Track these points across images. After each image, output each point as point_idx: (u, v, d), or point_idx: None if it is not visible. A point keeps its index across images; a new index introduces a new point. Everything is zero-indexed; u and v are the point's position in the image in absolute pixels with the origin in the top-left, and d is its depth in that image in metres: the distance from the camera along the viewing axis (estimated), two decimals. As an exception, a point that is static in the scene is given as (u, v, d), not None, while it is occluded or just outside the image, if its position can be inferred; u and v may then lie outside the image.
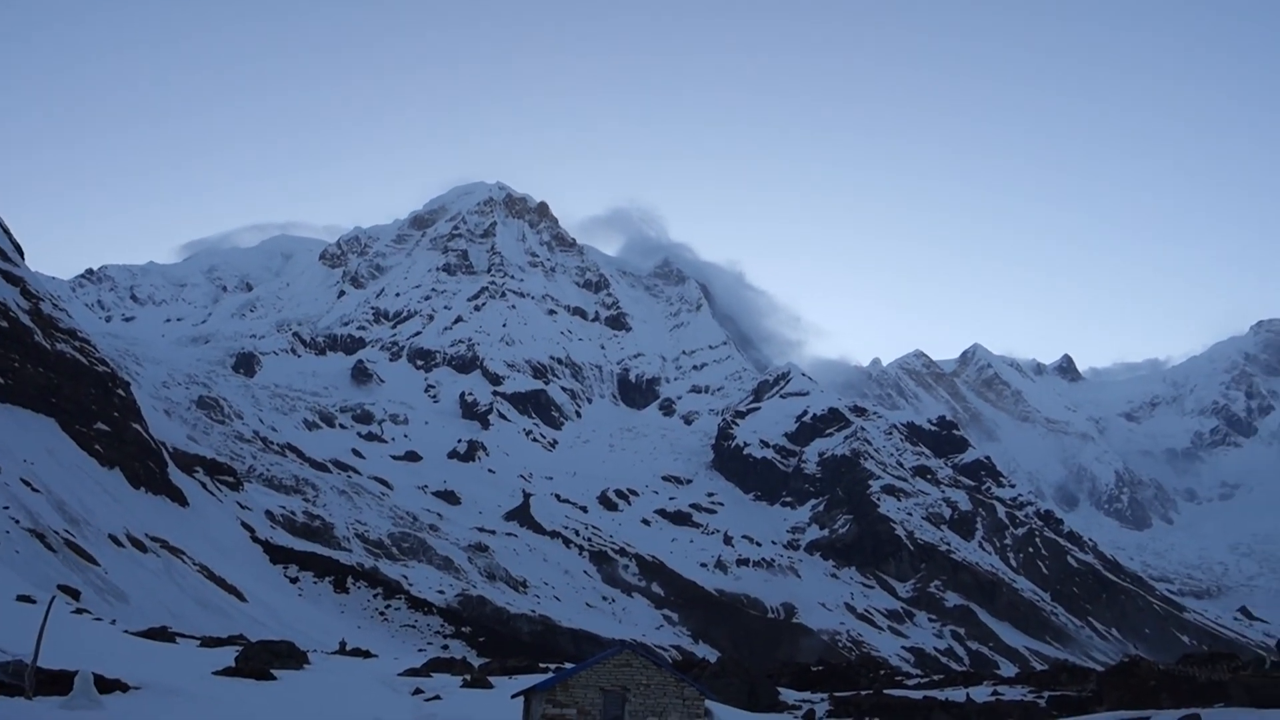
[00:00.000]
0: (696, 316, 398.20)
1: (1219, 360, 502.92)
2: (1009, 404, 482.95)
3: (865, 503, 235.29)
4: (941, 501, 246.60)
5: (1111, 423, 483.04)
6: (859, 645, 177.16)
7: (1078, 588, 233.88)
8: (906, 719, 53.60)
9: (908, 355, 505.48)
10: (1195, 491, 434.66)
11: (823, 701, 62.78)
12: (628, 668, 37.12)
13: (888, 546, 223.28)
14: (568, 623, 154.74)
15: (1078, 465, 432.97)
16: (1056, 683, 70.55)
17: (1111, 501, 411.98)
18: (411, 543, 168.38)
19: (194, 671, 45.03)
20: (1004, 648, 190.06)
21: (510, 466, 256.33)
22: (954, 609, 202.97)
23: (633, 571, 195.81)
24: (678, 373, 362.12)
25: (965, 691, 65.92)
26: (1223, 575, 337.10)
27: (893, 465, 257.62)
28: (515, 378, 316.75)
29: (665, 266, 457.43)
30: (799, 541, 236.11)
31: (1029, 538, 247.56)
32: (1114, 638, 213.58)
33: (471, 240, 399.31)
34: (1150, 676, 53.45)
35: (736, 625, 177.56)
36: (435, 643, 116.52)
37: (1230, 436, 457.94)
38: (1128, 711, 42.60)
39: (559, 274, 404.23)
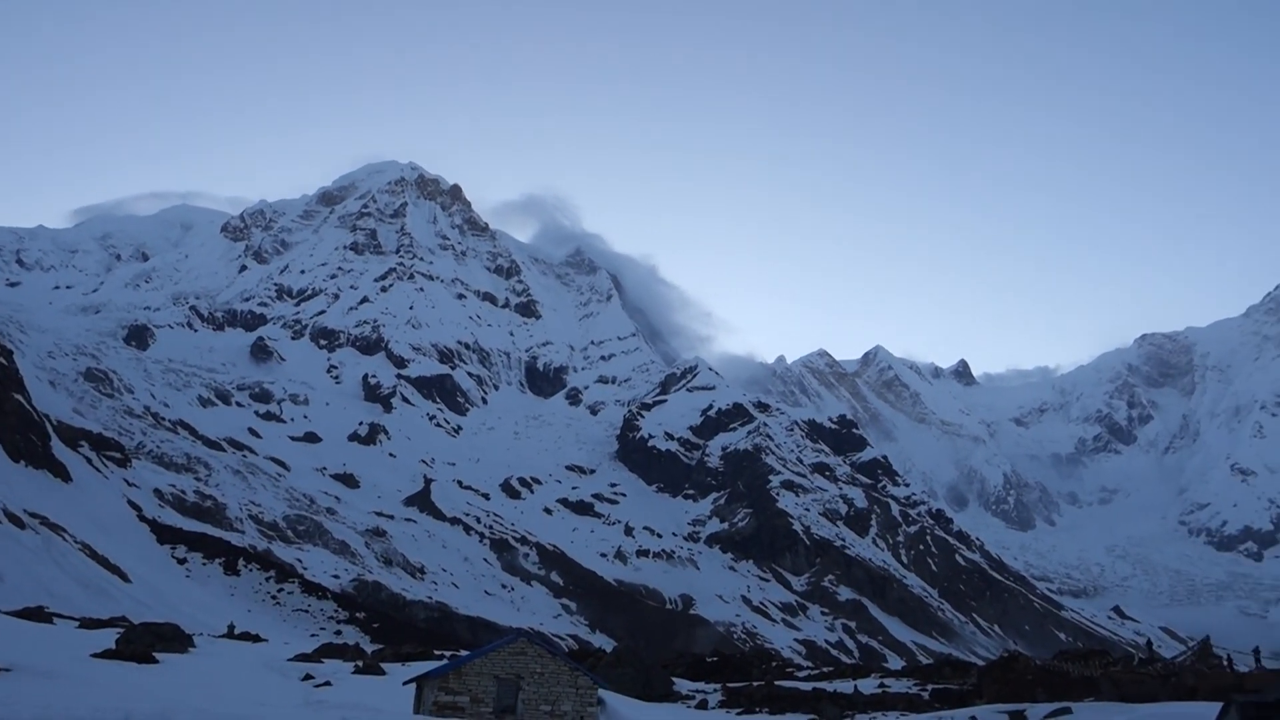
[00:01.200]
0: (607, 307, 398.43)
1: (1104, 370, 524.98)
2: (907, 405, 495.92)
3: (765, 497, 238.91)
4: (838, 498, 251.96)
5: (1002, 427, 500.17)
6: (753, 637, 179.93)
7: (964, 585, 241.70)
8: (795, 710, 54.61)
9: (812, 354, 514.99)
10: (1077, 495, 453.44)
11: (715, 692, 63.66)
12: (522, 656, 37.08)
13: (785, 541, 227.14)
14: (465, 610, 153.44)
15: (969, 467, 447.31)
16: (940, 676, 72.90)
17: (999, 503, 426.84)
18: (307, 525, 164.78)
19: (71, 653, 43.39)
20: (892, 642, 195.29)
21: (412, 451, 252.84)
22: (846, 603, 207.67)
23: (533, 560, 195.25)
24: (586, 363, 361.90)
25: (853, 684, 67.58)
26: (1099, 576, 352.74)
27: (793, 461, 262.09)
28: (421, 361, 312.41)
29: (578, 256, 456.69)
30: (699, 534, 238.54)
31: (920, 535, 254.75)
32: (996, 634, 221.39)
33: (381, 220, 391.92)
34: (1028, 672, 55.63)
35: (634, 616, 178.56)
36: (328, 628, 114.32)
37: (1111, 444, 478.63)
38: (1005, 705, 44.25)
39: (470, 258, 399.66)
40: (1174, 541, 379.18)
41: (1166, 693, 46.25)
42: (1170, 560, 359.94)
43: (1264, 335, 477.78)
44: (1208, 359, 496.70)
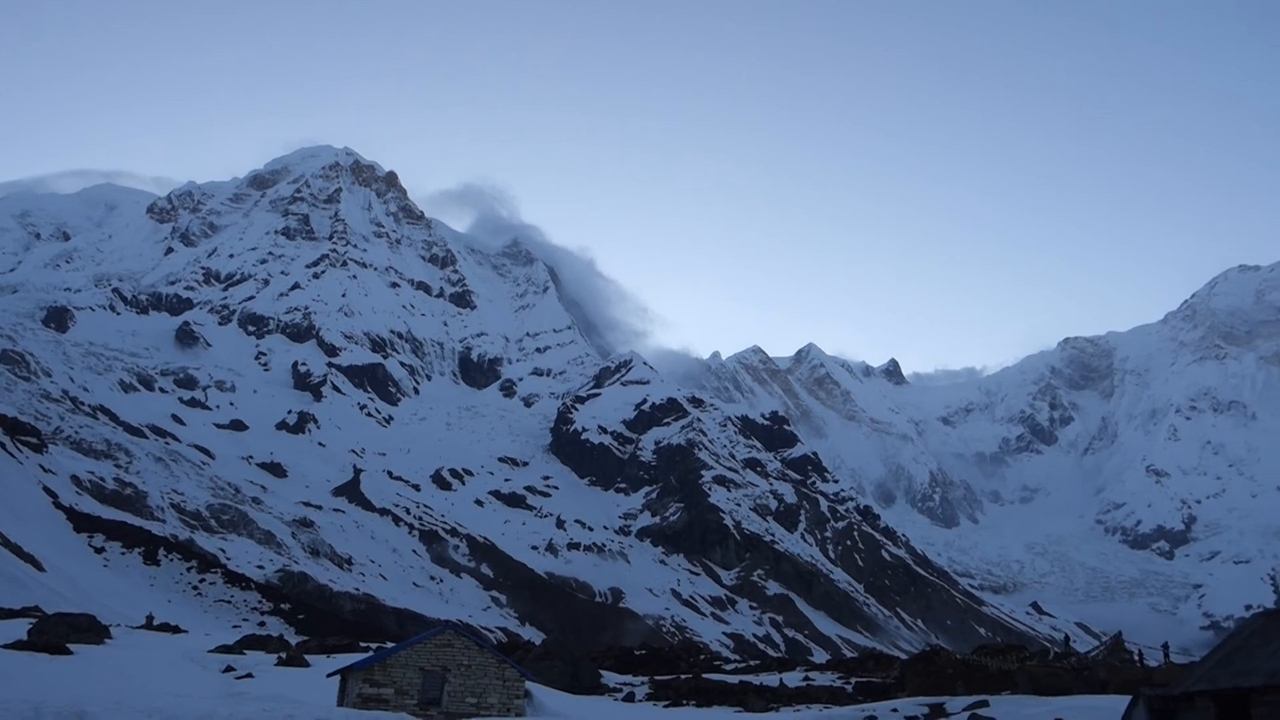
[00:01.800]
0: (543, 299, 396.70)
1: (1028, 372, 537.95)
2: (838, 403, 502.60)
3: (696, 492, 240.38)
4: (769, 494, 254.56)
5: (930, 426, 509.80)
6: (682, 630, 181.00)
7: (889, 580, 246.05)
8: (722, 702, 55.09)
9: (746, 350, 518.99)
10: (1000, 494, 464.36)
11: (643, 685, 63.93)
12: (449, 648, 36.84)
13: (715, 535, 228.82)
14: (393, 602, 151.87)
15: (897, 464, 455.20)
16: (863, 670, 74.11)
17: (925, 500, 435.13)
18: (231, 515, 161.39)
19: (-21, 644, 41.96)
20: (818, 635, 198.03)
21: (342, 441, 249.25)
22: (774, 597, 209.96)
23: (463, 552, 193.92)
24: (520, 354, 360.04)
25: (779, 677, 68.43)
26: (1019, 572, 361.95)
27: (725, 457, 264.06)
28: (352, 350, 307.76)
29: (514, 247, 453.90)
30: (630, 527, 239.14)
31: (848, 531, 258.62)
32: (919, 628, 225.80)
33: (314, 205, 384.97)
34: (948, 665, 56.83)
35: (564, 608, 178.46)
36: (251, 619, 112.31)
37: (1033, 444, 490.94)
38: (926, 697, 45.13)
39: (404, 246, 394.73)
40: (1091, 540, 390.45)
41: (1080, 686, 47.66)
42: (1087, 558, 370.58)
43: (1180, 341, 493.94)
44: (1127, 363, 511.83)
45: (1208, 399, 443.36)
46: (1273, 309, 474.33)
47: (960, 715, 38.64)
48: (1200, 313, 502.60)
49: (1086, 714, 34.09)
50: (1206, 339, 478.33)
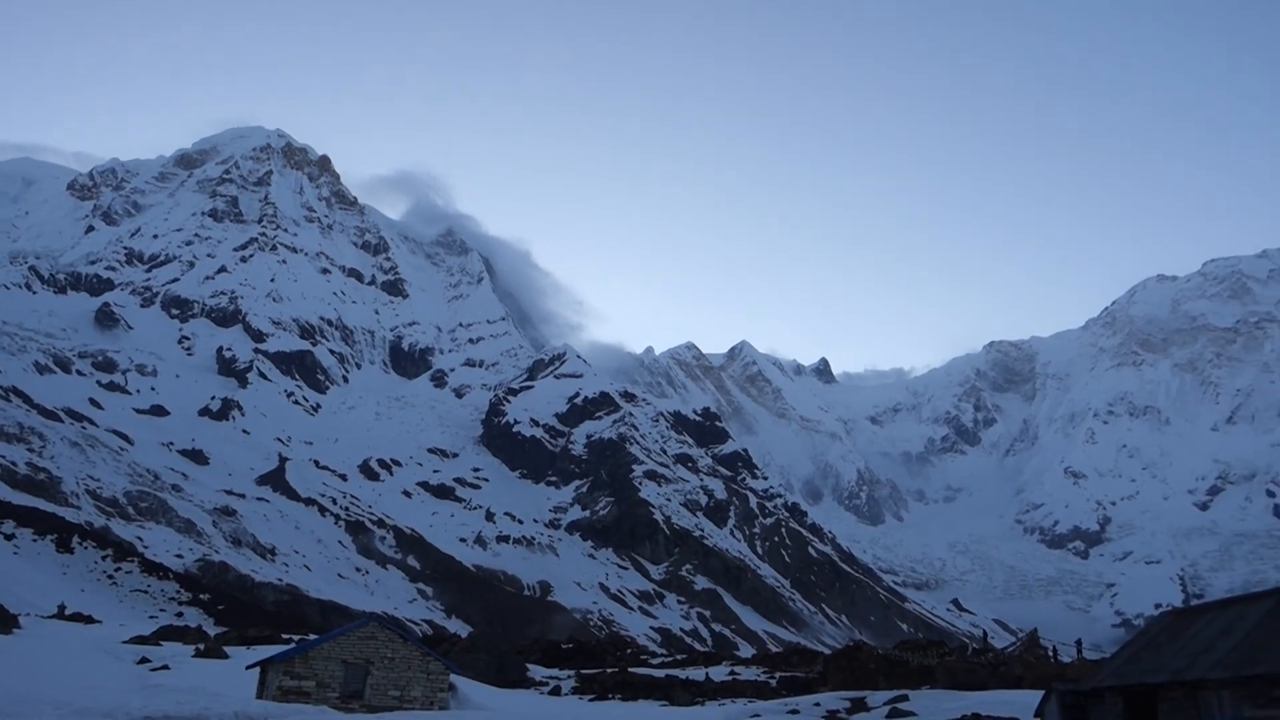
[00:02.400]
0: (477, 290, 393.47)
1: (955, 374, 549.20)
2: (769, 400, 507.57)
3: (627, 486, 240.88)
4: (699, 489, 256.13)
5: (858, 424, 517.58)
6: (610, 624, 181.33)
7: (815, 576, 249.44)
8: (648, 696, 55.28)
9: (680, 346, 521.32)
10: (924, 493, 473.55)
11: (569, 678, 63.96)
12: (373, 641, 36.38)
13: (645, 530, 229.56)
14: (316, 593, 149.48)
15: (825, 462, 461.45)
16: (788, 664, 75.09)
17: (852, 498, 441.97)
18: (150, 503, 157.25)
19: (-124, 633, 40.24)
20: (745, 630, 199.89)
21: (267, 428, 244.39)
22: (702, 592, 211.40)
23: (389, 543, 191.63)
24: (453, 345, 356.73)
25: (705, 671, 68.95)
26: (941, 570, 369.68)
27: (657, 452, 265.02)
28: (280, 336, 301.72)
29: (449, 236, 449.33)
30: (560, 521, 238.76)
31: (776, 528, 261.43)
32: (843, 624, 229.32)
33: (244, 187, 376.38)
34: (870, 660, 57.84)
35: (491, 601, 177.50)
36: (169, 610, 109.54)
37: (958, 444, 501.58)
38: (848, 692, 45.84)
39: (336, 232, 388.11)
40: (1010, 539, 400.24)
41: (996, 681, 48.84)
42: (1006, 556, 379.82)
43: (1100, 347, 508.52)
44: (1049, 367, 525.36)
45: (1124, 404, 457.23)
46: (1187, 318, 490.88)
47: (880, 709, 39.28)
48: (1119, 320, 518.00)
49: (1001, 708, 34.91)
50: (1125, 345, 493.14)
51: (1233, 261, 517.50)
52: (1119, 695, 24.50)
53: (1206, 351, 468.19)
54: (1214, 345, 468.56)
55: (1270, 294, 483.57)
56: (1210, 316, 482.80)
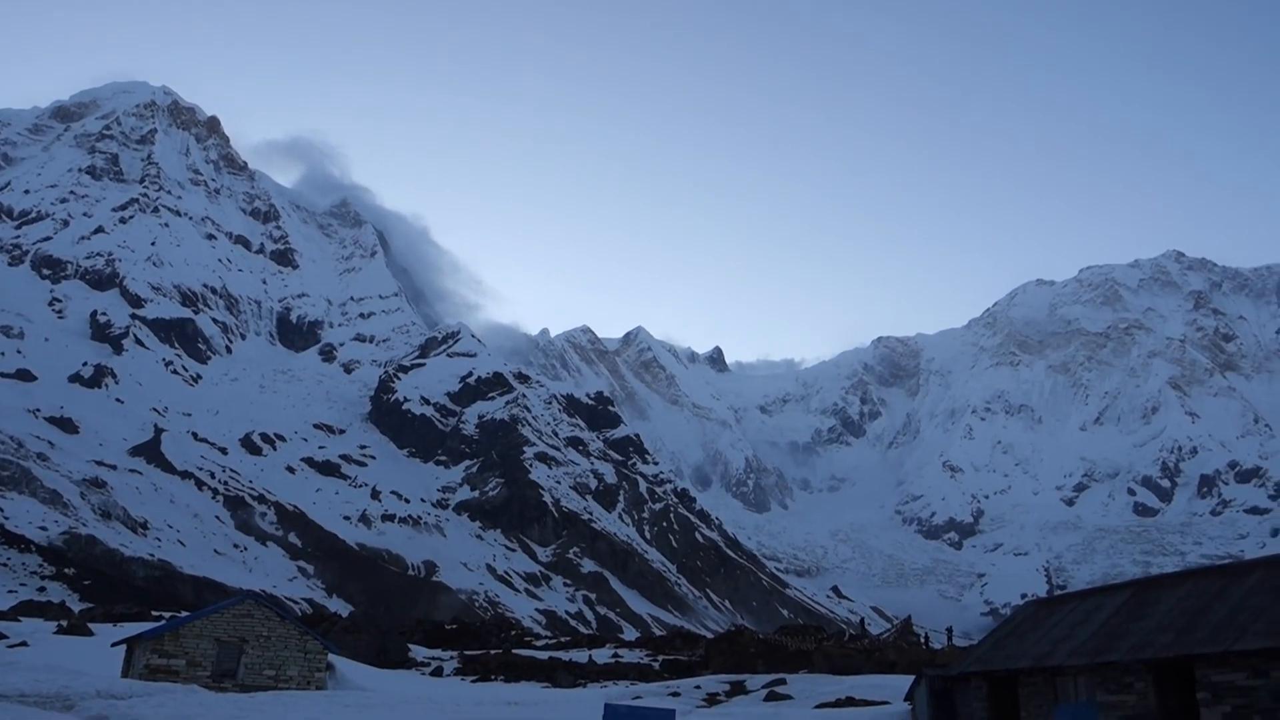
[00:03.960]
0: (370, 263, 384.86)
1: (843, 367, 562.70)
2: (662, 386, 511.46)
3: (518, 468, 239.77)
4: (590, 473, 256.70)
5: (748, 413, 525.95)
6: (495, 606, 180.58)
7: (701, 562, 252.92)
8: (531, 678, 55.29)
9: (576, 329, 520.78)
10: (809, 482, 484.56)
11: (452, 659, 63.53)
12: (249, 619, 35.42)
13: (534, 512, 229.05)
14: (190, 569, 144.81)
15: (715, 449, 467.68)
16: (671, 648, 76.10)
17: (739, 485, 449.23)
18: (13, 471, 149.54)
19: None
20: (630, 614, 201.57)
21: (143, 398, 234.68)
22: (589, 575, 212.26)
23: (270, 520, 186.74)
24: (343, 319, 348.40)
25: (589, 653, 69.36)
26: (822, 557, 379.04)
27: (548, 434, 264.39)
28: (160, 302, 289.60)
29: (343, 207, 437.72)
30: (448, 501, 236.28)
31: (664, 513, 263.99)
32: (726, 608, 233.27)
33: (125, 145, 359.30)
34: (751, 645, 59.00)
35: (375, 581, 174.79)
36: (30, 584, 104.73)
37: (843, 436, 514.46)
38: (729, 675, 46.70)
39: (224, 197, 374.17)
40: (889, 529, 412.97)
41: (870, 666, 50.40)
42: (885, 546, 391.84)
43: (980, 346, 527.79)
44: (932, 364, 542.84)
45: (1001, 402, 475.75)
46: (1063, 322, 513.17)
47: (759, 692, 40.10)
48: (999, 321, 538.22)
49: (874, 692, 36.00)
50: (1004, 346, 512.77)
51: (1107, 269, 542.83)
52: (984, 680, 25.57)
53: (1079, 354, 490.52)
54: (1086, 349, 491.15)
55: (1140, 302, 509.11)
56: (1084, 321, 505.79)
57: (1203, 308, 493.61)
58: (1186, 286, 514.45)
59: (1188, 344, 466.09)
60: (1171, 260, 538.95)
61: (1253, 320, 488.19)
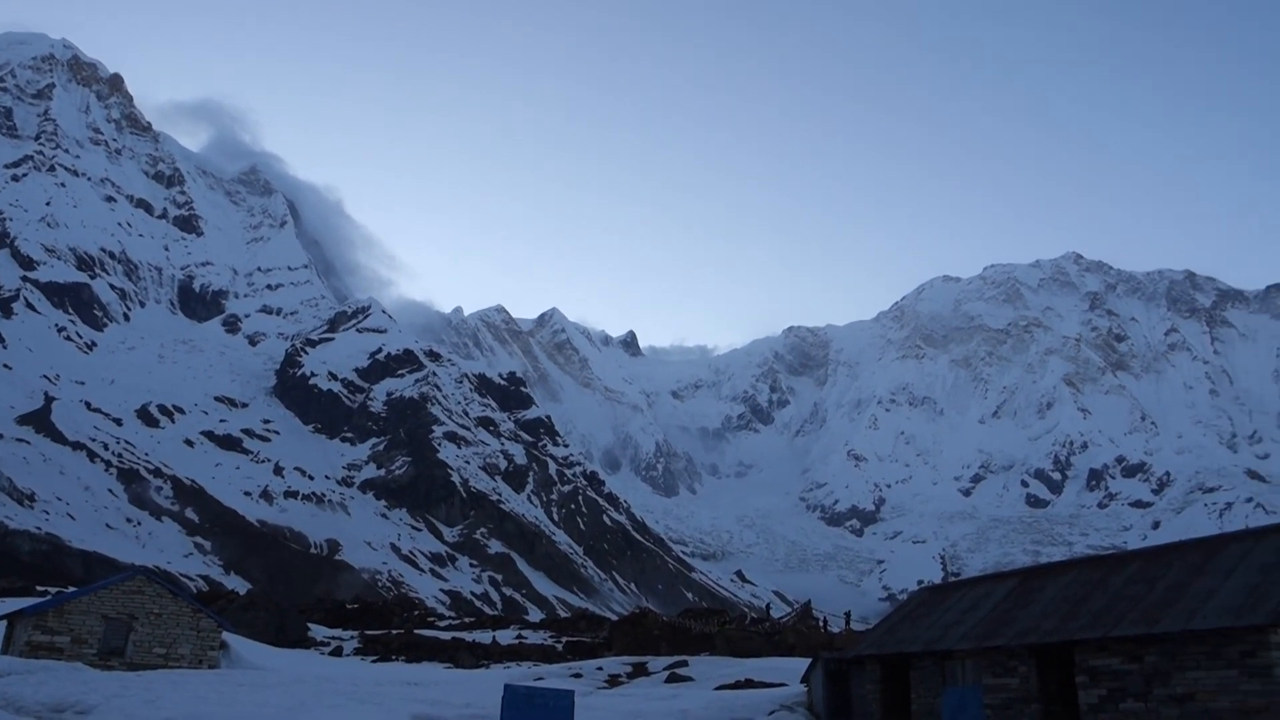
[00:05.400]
0: (279, 234, 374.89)
1: (754, 355, 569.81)
2: (575, 369, 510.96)
3: (426, 446, 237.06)
4: (499, 453, 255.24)
5: (660, 398, 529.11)
6: (399, 585, 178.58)
7: (608, 544, 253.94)
8: (433, 658, 54.92)
9: (490, 309, 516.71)
10: (718, 467, 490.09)
11: (353, 639, 62.75)
12: (139, 595, 34.39)
13: (441, 491, 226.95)
14: (80, 544, 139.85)
15: (626, 433, 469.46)
16: (575, 629, 76.40)
17: (649, 469, 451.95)
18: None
19: None
20: (536, 595, 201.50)
21: (33, 364, 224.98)
22: (495, 556, 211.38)
23: (166, 494, 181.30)
24: (249, 289, 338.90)
25: (492, 634, 69.19)
26: (728, 542, 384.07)
27: (459, 413, 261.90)
28: (54, 265, 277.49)
29: (252, 175, 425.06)
30: (354, 479, 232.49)
31: (573, 495, 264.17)
32: (632, 591, 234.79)
33: (20, 99, 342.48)
34: (654, 627, 59.58)
35: (275, 558, 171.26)
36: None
37: (752, 423, 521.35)
38: (631, 657, 47.08)
39: (126, 159, 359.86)
40: (794, 515, 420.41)
41: (771, 649, 51.39)
42: (789, 531, 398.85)
43: (888, 339, 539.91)
44: (841, 355, 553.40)
45: (905, 393, 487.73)
46: (967, 318, 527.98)
47: (660, 674, 40.53)
48: (907, 315, 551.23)
49: (773, 674, 36.68)
50: (910, 339, 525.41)
51: (1009, 268, 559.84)
52: (877, 663, 26.29)
53: (980, 350, 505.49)
54: (987, 344, 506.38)
55: (1040, 300, 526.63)
56: (986, 318, 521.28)
57: (1098, 308, 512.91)
58: (1083, 287, 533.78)
59: (1082, 343, 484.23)
60: (1071, 262, 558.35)
61: (1143, 322, 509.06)
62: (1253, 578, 18.29)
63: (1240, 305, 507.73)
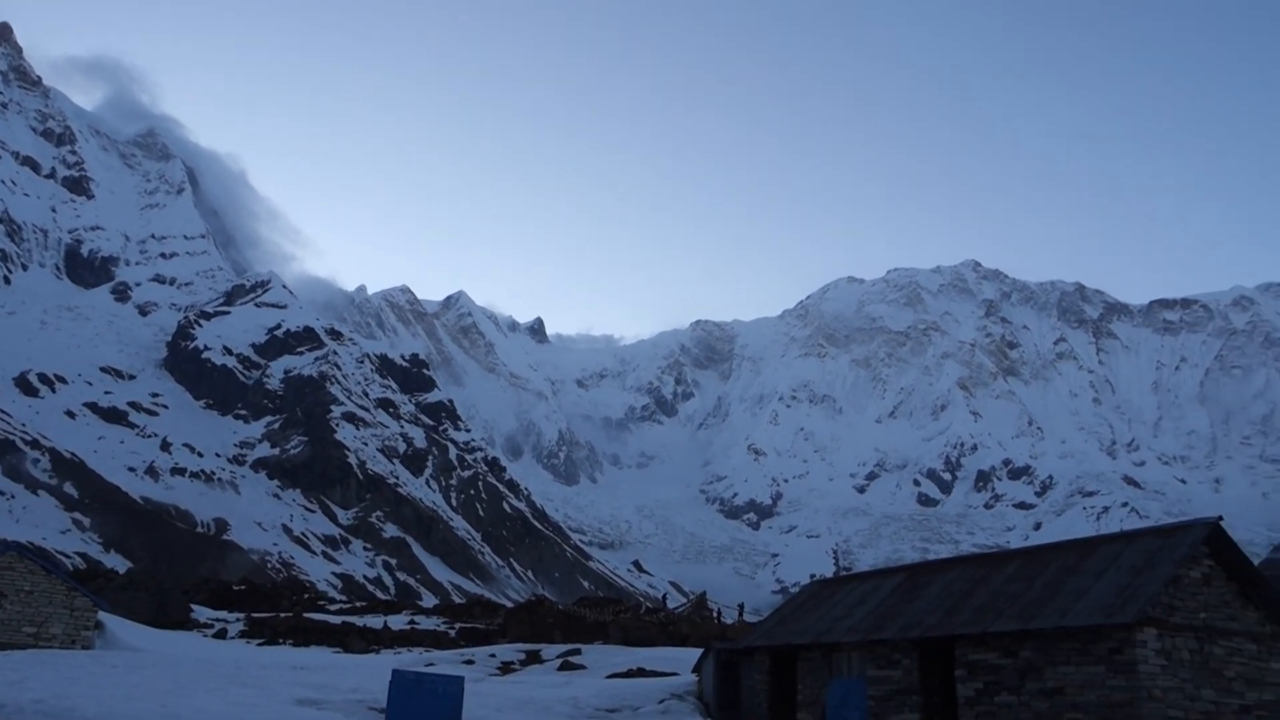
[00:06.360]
0: (176, 201, 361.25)
1: (661, 347, 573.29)
2: (480, 353, 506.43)
3: (323, 427, 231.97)
4: (399, 436, 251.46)
5: (565, 386, 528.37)
6: (289, 568, 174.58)
7: (506, 531, 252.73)
8: (321, 643, 53.97)
9: (395, 289, 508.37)
10: (620, 457, 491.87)
11: (238, 621, 61.23)
12: (9, 571, 32.88)
13: (337, 473, 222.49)
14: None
15: (529, 420, 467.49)
16: (470, 616, 75.92)
17: (551, 457, 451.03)
18: None
19: None
20: (431, 581, 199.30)
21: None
22: (390, 540, 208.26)
23: (43, 467, 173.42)
24: (142, 257, 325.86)
25: (384, 619, 68.26)
26: (626, 532, 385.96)
27: (358, 394, 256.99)
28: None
29: (150, 138, 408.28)
30: (245, 457, 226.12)
31: (473, 480, 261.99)
32: (529, 579, 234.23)
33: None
34: (549, 615, 59.54)
35: (159, 537, 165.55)
36: None
37: (656, 414, 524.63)
38: (525, 644, 47.01)
39: (12, 113, 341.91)
40: (693, 507, 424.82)
41: (664, 639, 51.86)
42: (687, 523, 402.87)
43: (791, 336, 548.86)
44: (746, 350, 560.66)
45: (806, 391, 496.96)
46: (869, 319, 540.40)
47: (554, 662, 40.57)
48: (811, 313, 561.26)
49: (665, 664, 37.04)
50: (813, 338, 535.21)
51: (912, 272, 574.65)
52: (767, 654, 26.75)
53: (880, 351, 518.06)
54: (887, 346, 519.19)
55: (939, 305, 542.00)
56: (887, 320, 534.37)
57: (992, 315, 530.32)
58: (980, 295, 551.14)
59: (977, 348, 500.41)
60: (970, 269, 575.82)
61: (1034, 331, 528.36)
62: (1123, 579, 19.15)
63: (1125, 318, 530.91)
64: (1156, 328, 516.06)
